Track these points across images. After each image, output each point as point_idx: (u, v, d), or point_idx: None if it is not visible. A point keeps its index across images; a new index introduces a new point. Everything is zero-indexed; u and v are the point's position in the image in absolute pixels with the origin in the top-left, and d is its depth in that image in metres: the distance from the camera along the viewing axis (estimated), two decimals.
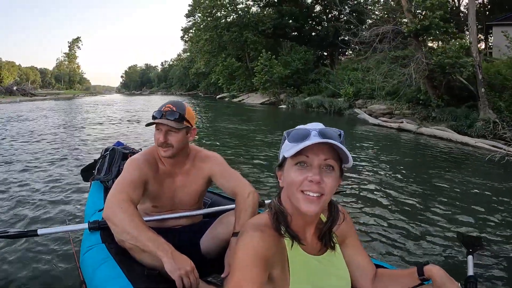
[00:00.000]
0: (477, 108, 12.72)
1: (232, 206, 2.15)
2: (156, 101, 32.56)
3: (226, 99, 38.66)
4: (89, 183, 3.12)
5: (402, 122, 13.15)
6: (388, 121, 14.22)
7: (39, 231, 2.10)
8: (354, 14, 31.41)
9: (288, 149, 1.13)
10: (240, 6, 37.23)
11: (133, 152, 3.08)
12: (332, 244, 1.29)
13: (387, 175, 6.14)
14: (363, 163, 7.07)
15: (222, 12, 37.66)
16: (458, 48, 12.63)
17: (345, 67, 26.14)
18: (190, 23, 44.38)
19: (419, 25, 13.51)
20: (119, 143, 3.42)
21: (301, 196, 1.11)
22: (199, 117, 18.50)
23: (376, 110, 17.22)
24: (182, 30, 48.01)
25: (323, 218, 1.31)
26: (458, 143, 10.15)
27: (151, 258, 1.69)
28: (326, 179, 1.10)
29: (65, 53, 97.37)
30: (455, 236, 3.28)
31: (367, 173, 6.19)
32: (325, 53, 37.40)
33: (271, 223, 1.19)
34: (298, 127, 1.19)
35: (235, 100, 35.88)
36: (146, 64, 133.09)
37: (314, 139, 1.09)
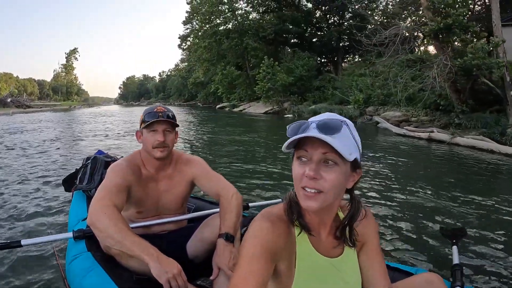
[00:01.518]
0: (505, 113, 11.75)
1: (217, 210, 2.19)
2: None
3: (227, 109, 37.57)
4: (71, 193, 3.09)
5: (432, 131, 11.55)
6: (416, 131, 12.57)
7: (23, 242, 2.07)
8: (357, 18, 30.71)
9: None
10: (239, 12, 36.04)
11: (115, 160, 2.97)
12: (351, 243, 1.23)
13: (421, 195, 5.05)
14: (391, 179, 6.05)
15: (221, 19, 36.42)
16: (491, 48, 11.42)
17: (351, 72, 24.91)
18: (188, 30, 43.13)
19: (441, 24, 12.27)
20: (100, 152, 3.41)
21: (302, 192, 1.07)
22: (199, 128, 17.31)
23: (391, 118, 16.02)
24: (179, 38, 46.61)
25: (342, 216, 1.24)
26: (502, 155, 8.71)
27: (139, 264, 1.67)
28: (326, 174, 1.04)
29: (62, 65, 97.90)
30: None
31: (396, 195, 5.07)
32: (325, 60, 36.37)
33: (285, 213, 1.17)
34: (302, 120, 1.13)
35: (236, 109, 34.77)
36: (144, 75, 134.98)
37: (309, 132, 1.04)
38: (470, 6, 20.37)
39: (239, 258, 1.09)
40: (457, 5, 12.64)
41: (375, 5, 32.32)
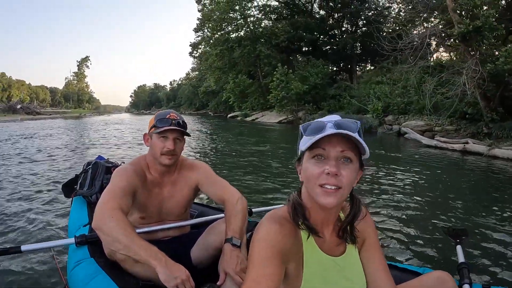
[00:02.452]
0: None
1: (220, 215, 2.26)
2: None
3: (238, 118, 36.93)
4: (71, 198, 3.04)
5: (467, 143, 10.57)
6: (449, 142, 11.54)
7: (23, 248, 2.01)
8: (372, 24, 30.00)
9: (304, 142, 1.12)
10: (251, 19, 35.22)
11: (116, 165, 2.96)
12: (354, 239, 1.25)
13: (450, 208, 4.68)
14: (416, 191, 5.63)
15: (233, 26, 35.64)
16: None
17: (367, 80, 24.01)
18: (199, 38, 41.82)
19: (470, 26, 11.47)
20: (100, 157, 3.37)
21: (320, 190, 1.08)
22: (210, 137, 16.59)
23: (414, 127, 15.25)
24: (190, 45, 45.45)
25: (342, 216, 1.28)
26: None
27: (145, 269, 1.64)
28: (343, 171, 1.07)
29: (74, 72, 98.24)
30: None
31: (421, 207, 4.73)
32: (337, 68, 35.49)
33: (289, 215, 1.17)
34: (315, 120, 1.16)
35: (248, 119, 34.05)
36: (155, 84, 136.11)
37: (329, 131, 1.07)
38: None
39: (249, 262, 1.09)
40: (485, 6, 11.85)
41: (387, 12, 31.42)
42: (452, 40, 13.94)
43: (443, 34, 13.37)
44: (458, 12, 12.79)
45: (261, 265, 1.04)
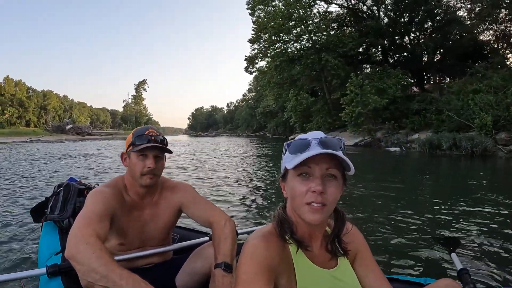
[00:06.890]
0: None
1: (204, 239, 2.22)
2: (223, 143, 30.80)
3: None
4: (41, 224, 2.81)
5: None
6: None
7: None
8: (451, 24, 25.99)
9: (289, 160, 1.13)
10: (311, 28, 30.86)
11: (90, 188, 2.79)
12: (342, 252, 1.25)
13: None
14: None
15: (292, 35, 31.48)
16: None
17: (459, 90, 19.54)
18: (255, 51, 36.40)
19: None
20: (72, 179, 3.10)
21: (306, 207, 1.09)
22: (269, 165, 12.85)
23: None
24: (246, 60, 39.84)
25: (329, 230, 1.27)
26: None
27: None
28: (328, 189, 1.09)
29: (132, 95, 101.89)
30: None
31: None
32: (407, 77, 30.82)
33: (276, 231, 1.17)
34: (298, 137, 1.17)
35: None
36: (212, 106, 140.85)
37: (314, 149, 1.09)
38: None
39: (237, 281, 1.07)
40: None
41: (456, 15, 27.03)
42: None
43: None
44: None
45: (249, 282, 1.03)
